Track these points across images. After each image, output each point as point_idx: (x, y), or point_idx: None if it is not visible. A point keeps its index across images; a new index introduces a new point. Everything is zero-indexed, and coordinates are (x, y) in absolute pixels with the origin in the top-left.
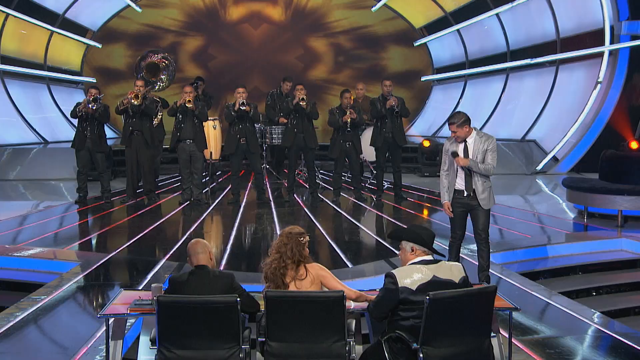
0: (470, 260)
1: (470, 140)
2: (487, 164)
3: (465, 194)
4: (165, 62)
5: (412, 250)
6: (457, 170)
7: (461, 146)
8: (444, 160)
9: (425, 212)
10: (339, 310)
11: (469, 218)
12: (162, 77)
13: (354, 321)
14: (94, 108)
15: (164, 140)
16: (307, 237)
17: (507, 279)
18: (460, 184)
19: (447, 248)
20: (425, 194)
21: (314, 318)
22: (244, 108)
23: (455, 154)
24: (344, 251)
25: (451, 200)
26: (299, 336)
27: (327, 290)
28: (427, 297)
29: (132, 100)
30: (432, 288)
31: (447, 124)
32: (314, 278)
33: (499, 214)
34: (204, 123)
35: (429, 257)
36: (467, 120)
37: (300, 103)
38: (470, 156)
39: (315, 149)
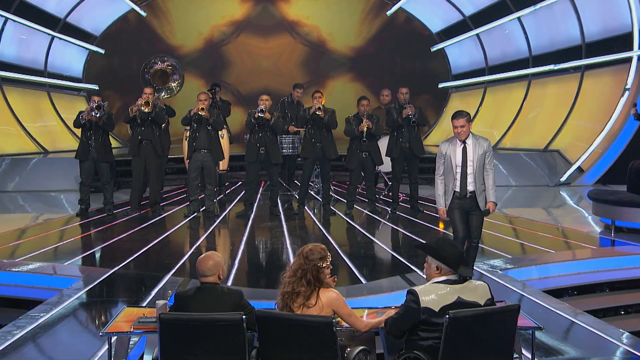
0: (492, 277)
1: (469, 142)
2: (492, 181)
3: (462, 195)
4: (172, 69)
5: (438, 269)
6: (455, 174)
7: (460, 149)
8: (439, 166)
9: (442, 225)
10: (330, 336)
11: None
12: (172, 84)
13: (357, 349)
14: (98, 116)
15: (169, 150)
16: (329, 261)
17: (529, 297)
18: (458, 186)
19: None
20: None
21: (304, 342)
22: (263, 115)
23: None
24: (357, 267)
25: (449, 204)
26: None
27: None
28: (447, 316)
29: (142, 108)
30: (455, 310)
31: (452, 120)
32: (324, 306)
33: (521, 228)
34: None
35: (455, 277)
36: (470, 118)
37: (317, 112)
38: (470, 158)
39: (331, 160)
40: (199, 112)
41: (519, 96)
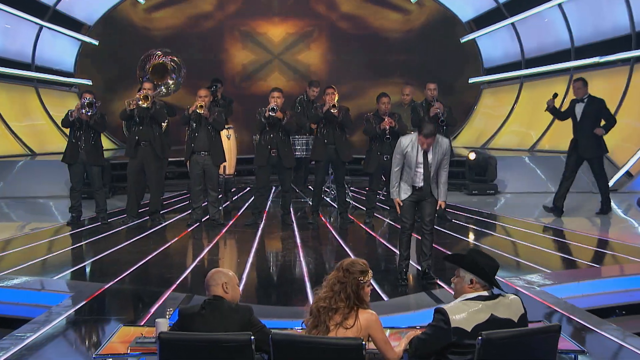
0: (528, 294)
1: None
2: (444, 179)
3: (418, 188)
4: (173, 63)
5: (471, 283)
6: (415, 172)
7: (421, 154)
8: (396, 160)
9: (472, 235)
10: None
11: None
12: (170, 81)
13: None
14: (89, 114)
15: (169, 151)
16: (370, 277)
17: (571, 316)
18: (418, 182)
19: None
20: (473, 214)
21: None
22: (274, 114)
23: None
24: (378, 282)
25: (406, 197)
26: None
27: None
28: (480, 338)
29: (141, 102)
30: (490, 329)
31: (419, 135)
32: (362, 329)
33: (560, 239)
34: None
35: (487, 293)
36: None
37: (332, 110)
38: (431, 161)
39: (347, 163)
40: (197, 110)
41: (560, 92)
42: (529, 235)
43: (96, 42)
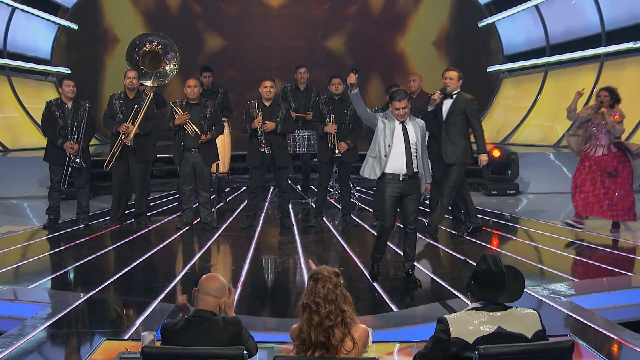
0: (554, 305)
1: (409, 122)
2: (427, 163)
3: (402, 178)
4: (162, 48)
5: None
6: (394, 152)
7: (399, 128)
8: (378, 142)
9: (493, 241)
10: None
11: None
12: (166, 67)
13: None
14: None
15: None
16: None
17: (601, 330)
18: (398, 167)
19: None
20: (492, 217)
21: None
22: (262, 130)
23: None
24: (387, 291)
25: (385, 189)
26: None
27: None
28: (477, 353)
29: (125, 142)
30: (494, 343)
31: (393, 102)
32: (360, 348)
33: (590, 244)
34: None
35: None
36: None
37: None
38: (412, 139)
39: (353, 162)
40: (187, 129)
41: (588, 82)
42: (555, 240)
43: (75, 26)
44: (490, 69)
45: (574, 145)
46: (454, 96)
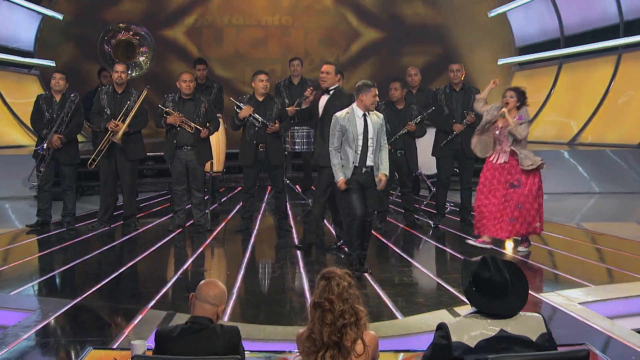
0: (569, 312)
1: (370, 115)
2: (385, 155)
3: (362, 171)
4: (139, 39)
5: None
6: (356, 147)
7: (360, 122)
8: (334, 137)
9: (504, 244)
10: None
11: None
12: (140, 58)
13: None
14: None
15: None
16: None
17: (619, 339)
18: (358, 160)
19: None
20: None
21: None
22: (264, 126)
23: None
24: (391, 297)
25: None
26: None
27: None
28: None
29: (112, 139)
30: (497, 346)
31: (369, 88)
32: (369, 355)
33: (607, 248)
34: None
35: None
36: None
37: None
38: (371, 134)
39: None
40: (181, 125)
41: (605, 75)
42: (570, 243)
43: (60, 16)
44: (500, 61)
45: (478, 151)
46: (331, 92)
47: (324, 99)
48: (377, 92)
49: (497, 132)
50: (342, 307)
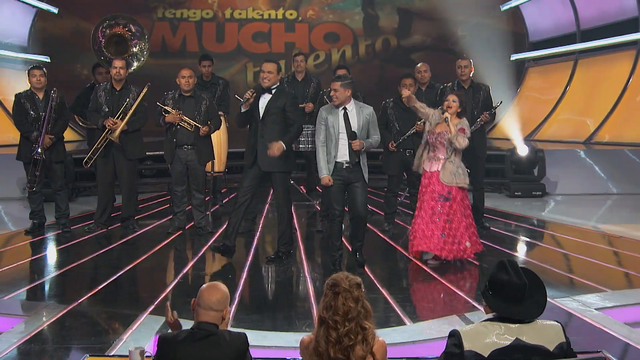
0: (585, 318)
1: (350, 108)
2: (374, 140)
3: (344, 166)
4: (131, 35)
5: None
6: (337, 142)
7: (341, 114)
8: (320, 131)
9: (517, 247)
10: None
11: None
12: (134, 49)
13: None
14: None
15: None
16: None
17: (637, 346)
18: (341, 155)
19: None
20: (515, 221)
21: None
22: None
23: (354, 135)
24: (399, 302)
25: (331, 173)
26: None
27: None
28: None
29: (110, 138)
30: (512, 355)
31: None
32: None
33: (625, 251)
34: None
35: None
36: (352, 84)
37: None
38: (354, 127)
39: None
40: (184, 125)
41: (624, 71)
42: (586, 246)
43: (55, 10)
44: (514, 57)
45: (416, 158)
46: (273, 91)
47: (264, 99)
48: (335, 87)
49: (434, 137)
50: (348, 327)
